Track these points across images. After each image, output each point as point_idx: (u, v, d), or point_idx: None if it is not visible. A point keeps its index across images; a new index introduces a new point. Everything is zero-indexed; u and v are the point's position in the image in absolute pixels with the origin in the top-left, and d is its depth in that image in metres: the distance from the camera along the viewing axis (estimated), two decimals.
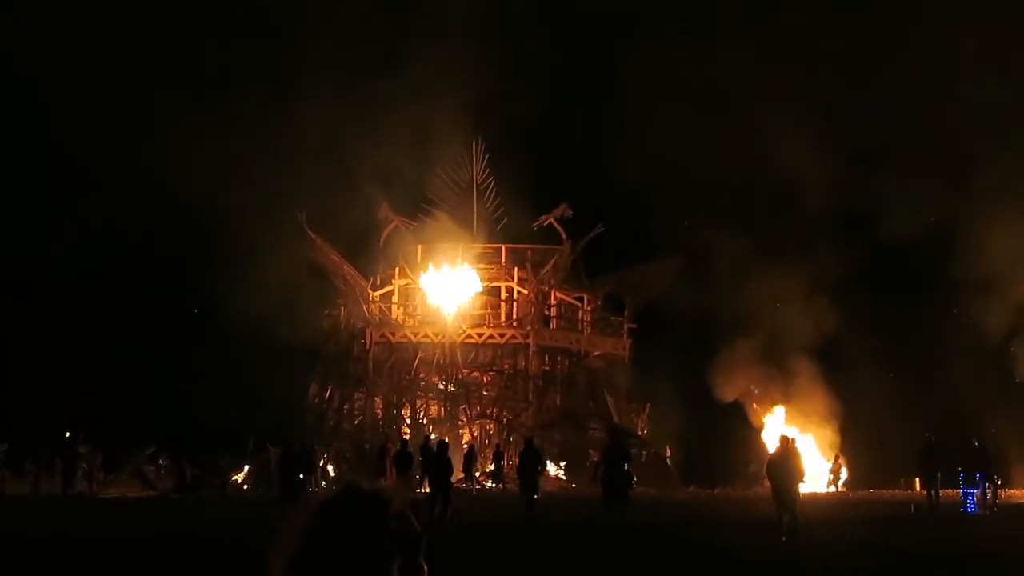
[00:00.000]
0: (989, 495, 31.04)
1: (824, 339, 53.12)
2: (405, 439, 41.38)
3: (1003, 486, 32.15)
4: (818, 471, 47.70)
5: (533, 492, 27.01)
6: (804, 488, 25.86)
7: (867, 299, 53.97)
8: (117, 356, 53.20)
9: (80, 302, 54.24)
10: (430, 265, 53.53)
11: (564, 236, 54.51)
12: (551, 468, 49.04)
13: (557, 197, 54.30)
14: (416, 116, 51.29)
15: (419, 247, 54.59)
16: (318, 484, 39.52)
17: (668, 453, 53.53)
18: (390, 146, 51.54)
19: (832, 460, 49.70)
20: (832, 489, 46.88)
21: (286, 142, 52.65)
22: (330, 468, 48.07)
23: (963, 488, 31.33)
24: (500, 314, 55.15)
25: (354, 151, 50.53)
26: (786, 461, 21.88)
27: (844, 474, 51.52)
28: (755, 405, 55.26)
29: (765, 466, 23.18)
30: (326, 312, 55.64)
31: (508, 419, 52.53)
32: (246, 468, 46.98)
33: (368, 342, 53.42)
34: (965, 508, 30.44)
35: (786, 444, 22.64)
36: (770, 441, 47.25)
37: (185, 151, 49.79)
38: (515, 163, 54.04)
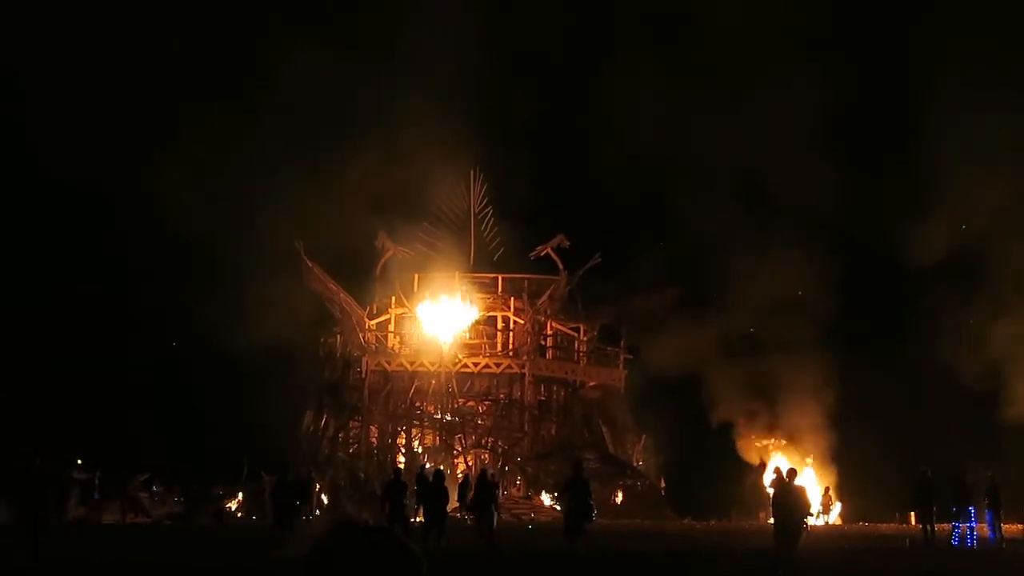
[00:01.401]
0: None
1: (819, 368, 52.98)
2: (399, 468, 41.26)
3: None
4: (815, 504, 47.41)
5: (490, 522, 27.25)
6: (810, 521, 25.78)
7: (862, 327, 53.96)
8: (110, 382, 53.14)
9: (72, 326, 54.14)
10: (426, 294, 53.54)
11: (561, 266, 54.55)
12: (545, 498, 48.94)
13: (555, 227, 54.49)
14: (413, 142, 51.37)
15: (416, 276, 54.59)
16: (312, 513, 39.43)
17: (663, 484, 53.43)
18: (387, 173, 51.64)
19: (822, 493, 49.39)
20: (822, 522, 46.34)
21: (278, 162, 52.70)
22: (324, 497, 47.93)
23: (956, 523, 31.16)
24: (496, 344, 55.12)
25: (350, 177, 50.57)
26: (790, 494, 21.82)
27: (838, 507, 51.32)
28: (749, 435, 55.11)
29: (771, 500, 23.11)
30: (322, 340, 55.60)
31: (503, 449, 52.44)
32: (240, 496, 46.85)
33: (364, 370, 53.37)
34: (967, 541, 30.29)
35: (790, 477, 22.57)
36: (766, 473, 47.17)
37: (178, 172, 49.96)
38: (513, 192, 54.27)
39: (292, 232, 51.75)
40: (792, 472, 23.08)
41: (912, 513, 38.96)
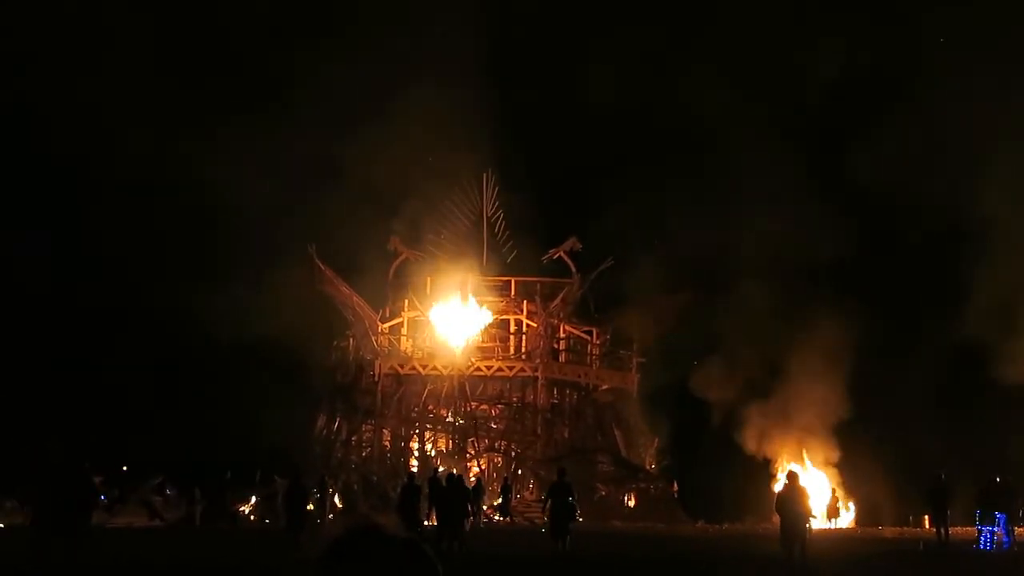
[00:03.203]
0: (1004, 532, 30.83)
1: (832, 371, 52.67)
2: (413, 472, 41.25)
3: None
4: (821, 507, 47.03)
5: (457, 527, 26.56)
6: (813, 524, 25.77)
7: (876, 327, 53.53)
8: (122, 385, 53.24)
9: (83, 331, 54.24)
10: (439, 297, 53.56)
11: (574, 269, 54.56)
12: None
13: (567, 230, 54.51)
14: (425, 145, 51.36)
15: (429, 279, 54.62)
16: (326, 516, 39.46)
17: (675, 488, 53.31)
18: (400, 175, 51.63)
19: (830, 496, 49.01)
20: (828, 526, 45.79)
21: (290, 165, 52.70)
22: (337, 500, 47.96)
23: (979, 525, 30.95)
24: (509, 347, 55.13)
25: (363, 179, 50.57)
26: (795, 497, 21.87)
27: (852, 511, 51.07)
28: (763, 440, 54.93)
29: (775, 502, 23.20)
30: (335, 343, 55.65)
31: (516, 452, 52.42)
32: (253, 499, 46.89)
33: (377, 374, 53.39)
34: (984, 545, 30.16)
35: (794, 480, 22.61)
36: (779, 476, 47.06)
37: (187, 174, 50.04)
38: (525, 195, 54.26)
39: (304, 234, 51.90)
40: (794, 475, 23.15)
41: (926, 516, 38.86)
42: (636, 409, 55.80)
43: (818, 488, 49.22)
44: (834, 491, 49.38)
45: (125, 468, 43.07)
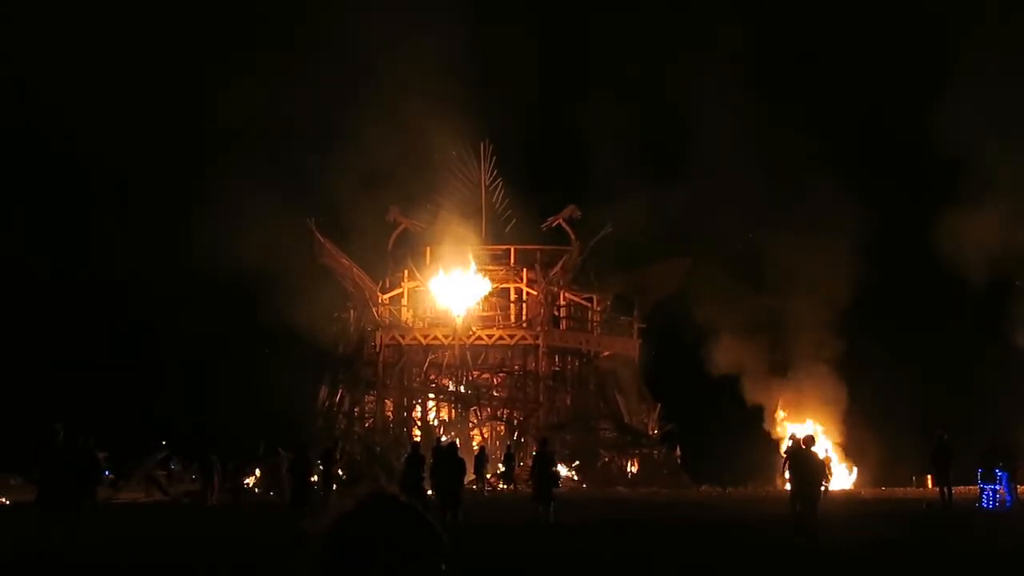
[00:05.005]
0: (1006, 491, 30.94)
1: (834, 331, 52.66)
2: (416, 442, 41.24)
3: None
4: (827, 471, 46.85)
5: (455, 500, 25.49)
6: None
7: (878, 284, 53.39)
8: (123, 360, 53.27)
9: (85, 304, 54.22)
10: (439, 267, 53.52)
11: (573, 237, 54.48)
12: (562, 469, 48.94)
13: (565, 197, 54.42)
14: (421, 114, 51.16)
15: (428, 249, 54.58)
16: (330, 488, 39.49)
17: (678, 453, 53.41)
18: (396, 145, 51.49)
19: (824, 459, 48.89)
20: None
21: (288, 134, 52.51)
22: (340, 472, 48.01)
23: (981, 484, 31.09)
24: (510, 315, 55.12)
25: (359, 150, 50.41)
26: (805, 460, 21.90)
27: (854, 474, 51.15)
28: (766, 403, 55.03)
29: (786, 466, 23.28)
30: (336, 315, 55.62)
31: (519, 420, 52.50)
32: (257, 472, 46.97)
33: (378, 345, 53.43)
34: (981, 504, 30.34)
35: (806, 444, 22.60)
36: (782, 439, 47.16)
37: (182, 141, 50.01)
38: (522, 163, 54.15)
39: (303, 206, 51.81)
40: (809, 439, 23.16)
41: (929, 476, 38.98)
42: (638, 375, 55.88)
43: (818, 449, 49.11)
44: (826, 451, 49.46)
45: (131, 443, 43.06)
